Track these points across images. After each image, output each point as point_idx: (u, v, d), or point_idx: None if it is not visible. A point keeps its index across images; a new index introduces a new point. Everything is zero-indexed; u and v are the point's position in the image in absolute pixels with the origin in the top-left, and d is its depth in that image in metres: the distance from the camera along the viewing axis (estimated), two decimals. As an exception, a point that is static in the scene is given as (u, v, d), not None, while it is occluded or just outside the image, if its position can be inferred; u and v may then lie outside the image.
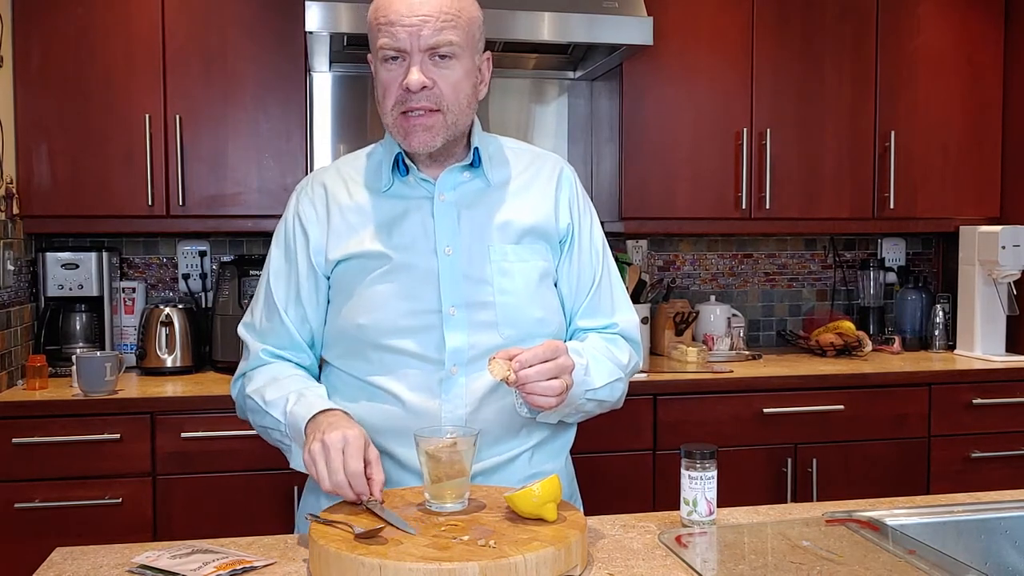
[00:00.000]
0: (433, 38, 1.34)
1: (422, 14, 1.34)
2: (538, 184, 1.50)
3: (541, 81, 3.34)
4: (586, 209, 1.54)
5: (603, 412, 1.49)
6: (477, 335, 1.42)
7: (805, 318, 3.59)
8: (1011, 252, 3.07)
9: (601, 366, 1.43)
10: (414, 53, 1.35)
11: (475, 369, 1.42)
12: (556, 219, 1.49)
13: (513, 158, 1.53)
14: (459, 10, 1.37)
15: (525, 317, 1.44)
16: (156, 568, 1.21)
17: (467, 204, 1.45)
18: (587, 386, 1.39)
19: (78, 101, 2.74)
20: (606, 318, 1.52)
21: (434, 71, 1.36)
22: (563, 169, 1.54)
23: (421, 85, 1.35)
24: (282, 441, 1.41)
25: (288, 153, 2.84)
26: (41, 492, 2.44)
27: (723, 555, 1.31)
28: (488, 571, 1.08)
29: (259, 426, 1.45)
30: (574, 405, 1.40)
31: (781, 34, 3.11)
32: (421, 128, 1.38)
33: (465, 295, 1.42)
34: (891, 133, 3.18)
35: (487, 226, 1.45)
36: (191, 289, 3.14)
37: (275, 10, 2.81)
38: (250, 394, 1.44)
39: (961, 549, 1.43)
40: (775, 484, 2.83)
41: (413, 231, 1.43)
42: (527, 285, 1.44)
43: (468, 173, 1.46)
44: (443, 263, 1.42)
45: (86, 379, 2.52)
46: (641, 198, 3.05)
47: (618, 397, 1.49)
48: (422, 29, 1.34)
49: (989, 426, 2.96)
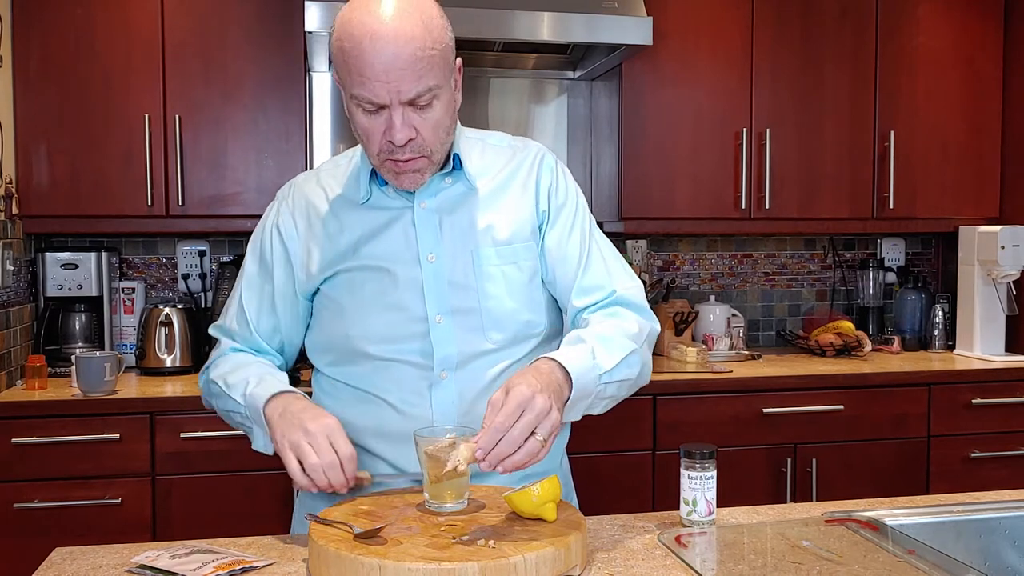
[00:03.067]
0: (414, 90, 1.27)
1: (399, 68, 1.25)
2: (519, 179, 1.47)
3: (541, 81, 3.34)
4: (565, 190, 1.48)
5: (632, 393, 1.42)
6: (466, 341, 1.41)
7: (805, 318, 3.59)
8: (1010, 252, 3.07)
9: (610, 344, 1.34)
10: (395, 106, 1.28)
11: (465, 373, 1.41)
12: (536, 212, 1.46)
13: (493, 156, 1.49)
14: (433, 44, 1.28)
15: (512, 320, 1.43)
16: (155, 568, 1.21)
17: (449, 210, 1.43)
18: (598, 370, 1.31)
19: (77, 101, 2.74)
20: (602, 291, 1.44)
21: (416, 119, 1.30)
22: (543, 158, 1.50)
23: (407, 139, 1.30)
24: (244, 424, 1.42)
25: (287, 153, 2.84)
26: (40, 492, 2.44)
27: (723, 555, 1.31)
28: (488, 571, 1.08)
29: (222, 410, 1.46)
30: (592, 396, 1.32)
31: (781, 34, 3.11)
32: (410, 171, 1.35)
33: (450, 302, 1.40)
34: (891, 133, 3.18)
35: (470, 231, 1.42)
36: (190, 289, 3.14)
37: (275, 10, 2.81)
38: (214, 379, 1.45)
39: (960, 549, 1.43)
40: (775, 484, 2.83)
41: (395, 242, 1.41)
42: (513, 288, 1.43)
43: (449, 178, 1.43)
44: (427, 271, 1.40)
45: (85, 379, 2.52)
46: (640, 198, 3.05)
47: (639, 371, 1.39)
48: (401, 84, 1.26)
49: (988, 426, 2.96)
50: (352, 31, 1.26)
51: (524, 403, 1.16)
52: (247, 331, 1.49)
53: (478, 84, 3.28)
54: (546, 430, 1.17)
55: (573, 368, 1.27)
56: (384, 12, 1.25)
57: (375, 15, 1.25)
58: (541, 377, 1.22)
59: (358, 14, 1.27)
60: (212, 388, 1.46)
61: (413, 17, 1.26)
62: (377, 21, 1.25)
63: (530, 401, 1.16)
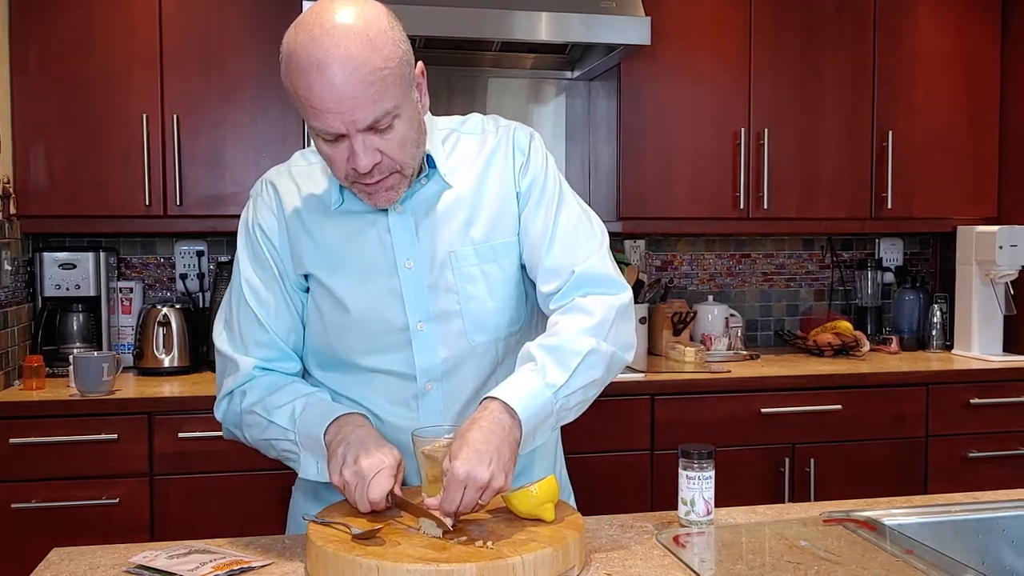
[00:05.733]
0: (370, 117, 1.20)
1: (350, 97, 1.18)
2: (496, 165, 1.41)
3: (539, 81, 3.34)
4: (533, 165, 1.42)
5: (610, 379, 1.37)
6: (449, 346, 1.38)
7: (803, 318, 3.59)
8: (1008, 252, 3.07)
9: (561, 355, 1.29)
10: (353, 134, 1.22)
11: (451, 383, 1.39)
12: (516, 195, 1.41)
13: (467, 145, 1.42)
14: (383, 63, 1.19)
15: (494, 321, 1.40)
16: (153, 568, 1.21)
17: (424, 212, 1.37)
18: (552, 389, 1.26)
19: (76, 101, 2.74)
20: (564, 272, 1.37)
21: (379, 142, 1.24)
22: (514, 138, 1.43)
23: (372, 164, 1.24)
24: (289, 451, 1.36)
25: (285, 153, 2.77)
26: (38, 492, 2.44)
27: (721, 555, 1.31)
28: (486, 572, 1.08)
29: (260, 440, 1.39)
30: (553, 414, 1.28)
31: (779, 34, 3.11)
32: (382, 190, 1.29)
33: (431, 308, 1.37)
34: (889, 133, 3.18)
35: (447, 231, 1.37)
36: (188, 289, 3.14)
37: (273, 10, 2.81)
38: (248, 408, 1.38)
39: (958, 548, 1.43)
40: (773, 484, 2.83)
41: (371, 250, 1.37)
42: (494, 286, 1.39)
43: (423, 179, 1.37)
44: (405, 278, 1.36)
45: (83, 379, 2.52)
46: (639, 198, 3.05)
47: (603, 369, 1.33)
48: (355, 113, 1.19)
49: (986, 426, 2.96)
50: (299, 62, 1.19)
51: (464, 481, 1.18)
52: (262, 334, 1.40)
53: (476, 84, 3.28)
54: (492, 494, 1.20)
55: (520, 404, 1.24)
56: (327, 38, 1.18)
57: (319, 43, 1.18)
58: (484, 434, 1.21)
59: (303, 40, 1.19)
60: (247, 419, 1.38)
61: (359, 38, 1.18)
62: (321, 49, 1.17)
63: (469, 479, 1.18)
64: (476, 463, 1.18)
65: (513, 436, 1.23)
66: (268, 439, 1.38)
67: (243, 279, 1.42)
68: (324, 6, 1.21)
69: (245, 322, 1.41)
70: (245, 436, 1.42)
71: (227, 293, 1.45)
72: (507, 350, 1.42)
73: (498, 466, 1.19)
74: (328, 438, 1.30)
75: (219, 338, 1.43)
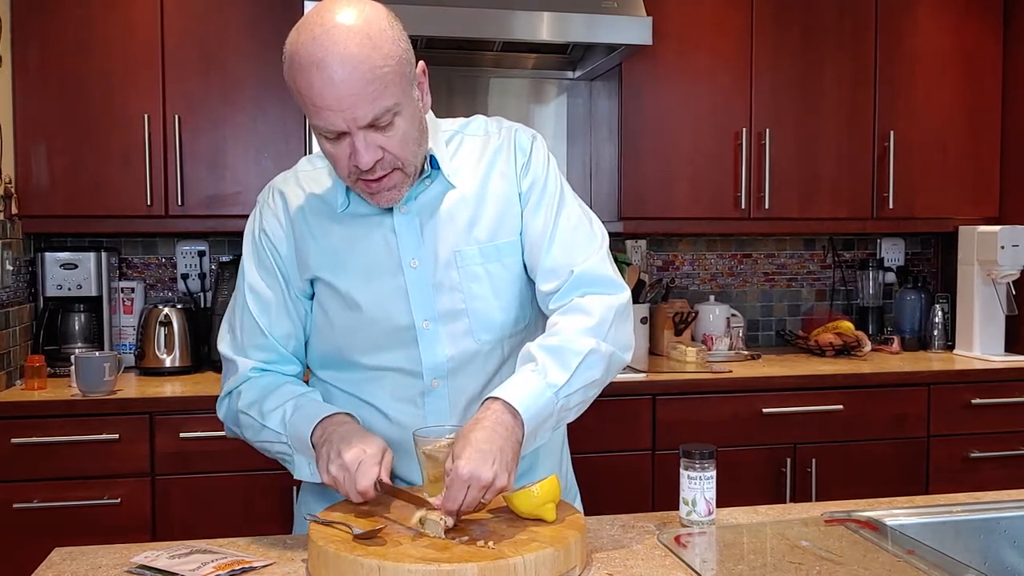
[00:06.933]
0: (371, 114, 1.22)
1: (350, 94, 1.20)
2: (498, 167, 1.43)
3: (540, 81, 3.34)
4: (533, 166, 1.44)
5: (610, 379, 1.38)
6: (455, 345, 1.39)
7: (804, 318, 3.59)
8: (1010, 252, 3.07)
9: (562, 355, 1.30)
10: (355, 132, 1.24)
11: (457, 380, 1.40)
12: (519, 196, 1.42)
13: (470, 147, 1.44)
14: (383, 61, 1.22)
15: (499, 320, 1.41)
16: (155, 568, 1.21)
17: (429, 212, 1.39)
18: (553, 389, 1.28)
19: (77, 101, 2.74)
20: (563, 272, 1.39)
21: (380, 139, 1.26)
22: (516, 140, 1.45)
23: (373, 161, 1.26)
24: (284, 453, 1.38)
25: (286, 153, 2.84)
26: (40, 492, 2.44)
27: (722, 555, 1.31)
28: (487, 572, 1.08)
29: (256, 441, 1.42)
30: (554, 414, 1.29)
31: (780, 34, 3.11)
32: (385, 189, 1.31)
33: (436, 306, 1.38)
34: (890, 133, 3.18)
35: (452, 231, 1.39)
36: (190, 289, 3.14)
37: (274, 10, 2.81)
38: (243, 410, 1.40)
39: (960, 549, 1.43)
40: (774, 484, 2.83)
41: (376, 250, 1.39)
42: (498, 286, 1.41)
43: (427, 180, 1.39)
44: (410, 277, 1.38)
45: (85, 379, 2.52)
46: (640, 198, 3.05)
47: (603, 369, 1.34)
48: (356, 111, 1.22)
49: (988, 426, 2.96)
50: (300, 61, 1.21)
51: (468, 481, 1.19)
52: (262, 339, 1.43)
53: (477, 84, 3.28)
54: (494, 493, 1.21)
55: (522, 405, 1.25)
56: (328, 37, 1.20)
57: (319, 42, 1.20)
58: (487, 434, 1.21)
59: (304, 40, 1.22)
60: (243, 419, 1.41)
61: (359, 37, 1.20)
62: (321, 48, 1.20)
63: (472, 479, 1.18)
64: (480, 463, 1.19)
65: (515, 436, 1.24)
66: (263, 442, 1.41)
67: (247, 284, 1.45)
68: (325, 7, 1.23)
69: (246, 326, 1.44)
70: (243, 436, 1.45)
71: (232, 297, 1.49)
72: (512, 349, 1.43)
73: (501, 466, 1.20)
74: (315, 440, 1.32)
75: (222, 341, 1.47)
